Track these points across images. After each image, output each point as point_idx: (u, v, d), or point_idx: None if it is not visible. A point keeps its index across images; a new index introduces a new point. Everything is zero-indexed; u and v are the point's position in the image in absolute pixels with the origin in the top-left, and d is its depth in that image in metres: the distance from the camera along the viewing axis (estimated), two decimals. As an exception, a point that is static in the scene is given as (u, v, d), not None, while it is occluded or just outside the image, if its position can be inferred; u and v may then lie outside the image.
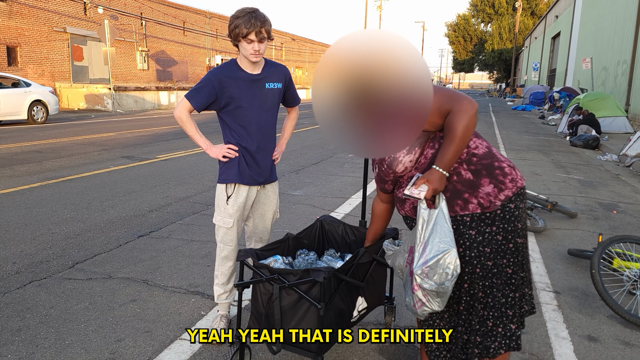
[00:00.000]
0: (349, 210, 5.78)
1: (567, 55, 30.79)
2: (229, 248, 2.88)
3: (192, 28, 33.95)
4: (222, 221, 2.84)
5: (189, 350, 2.75)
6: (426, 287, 1.91)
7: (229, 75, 2.70)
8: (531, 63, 47.42)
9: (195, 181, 7.34)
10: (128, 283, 3.65)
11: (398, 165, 2.07)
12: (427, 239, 1.94)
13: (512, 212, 2.02)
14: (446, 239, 1.91)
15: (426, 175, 1.97)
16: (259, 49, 2.62)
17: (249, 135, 2.77)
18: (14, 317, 3.11)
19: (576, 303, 3.47)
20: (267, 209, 3.00)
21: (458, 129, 1.93)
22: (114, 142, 11.51)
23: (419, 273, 1.91)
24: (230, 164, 2.80)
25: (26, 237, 4.66)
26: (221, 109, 2.76)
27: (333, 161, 9.47)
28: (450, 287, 1.90)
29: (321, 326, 2.19)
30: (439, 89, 1.99)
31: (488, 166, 2.04)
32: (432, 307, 1.96)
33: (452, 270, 1.89)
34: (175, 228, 5.01)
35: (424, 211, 1.97)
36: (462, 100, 1.95)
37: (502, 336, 2.09)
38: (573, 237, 4.98)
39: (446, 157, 1.96)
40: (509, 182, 2.03)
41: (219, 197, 2.85)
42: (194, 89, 2.72)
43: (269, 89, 2.80)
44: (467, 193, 2.01)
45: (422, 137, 2.05)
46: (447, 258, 1.89)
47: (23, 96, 15.19)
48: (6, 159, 8.87)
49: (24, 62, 22.51)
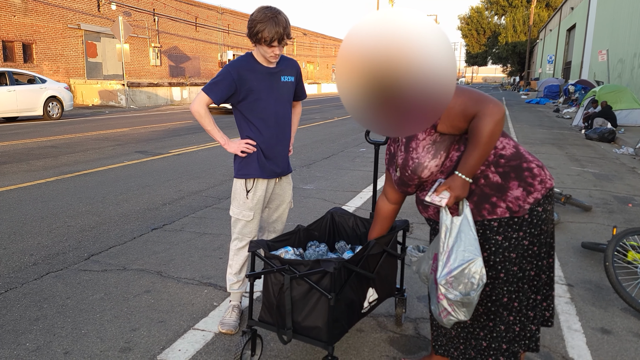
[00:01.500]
0: (360, 204, 5.79)
1: (582, 47, 30.37)
2: (247, 239, 2.91)
3: (204, 24, 34.07)
4: (242, 214, 2.86)
5: (202, 339, 2.79)
6: (451, 298, 1.85)
7: (247, 67, 2.72)
8: (546, 56, 46.85)
9: (207, 175, 7.40)
10: (142, 274, 3.70)
11: (423, 170, 1.99)
12: (451, 248, 1.87)
13: (540, 215, 1.96)
14: (471, 248, 1.84)
15: (448, 182, 1.91)
16: (279, 53, 2.66)
17: (267, 127, 2.80)
18: (31, 307, 3.18)
19: (589, 296, 3.45)
20: (283, 200, 3.03)
21: (483, 134, 1.85)
22: (128, 138, 11.62)
23: (443, 283, 1.85)
24: (249, 158, 2.81)
25: (43, 229, 4.74)
26: (240, 102, 2.77)
27: (344, 155, 9.48)
28: (476, 297, 1.84)
29: (332, 316, 2.21)
30: (464, 90, 1.91)
31: (517, 168, 1.96)
32: (458, 317, 1.90)
33: (477, 280, 1.83)
34: (188, 221, 5.06)
35: (447, 218, 1.90)
36: (488, 103, 1.86)
37: (522, 337, 2.08)
38: (587, 230, 4.94)
39: (469, 163, 1.88)
40: (538, 184, 1.96)
41: (238, 191, 2.87)
42: (212, 82, 2.72)
43: (285, 82, 2.82)
44: (495, 197, 1.94)
45: (447, 140, 1.97)
46: (473, 267, 1.82)
47: (39, 92, 15.39)
48: (23, 154, 9.01)
49: (40, 59, 22.78)
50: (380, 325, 2.98)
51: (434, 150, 1.96)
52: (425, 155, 1.96)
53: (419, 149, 1.97)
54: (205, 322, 3.00)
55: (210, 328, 2.92)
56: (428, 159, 1.97)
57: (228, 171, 7.70)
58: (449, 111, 1.88)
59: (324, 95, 38.08)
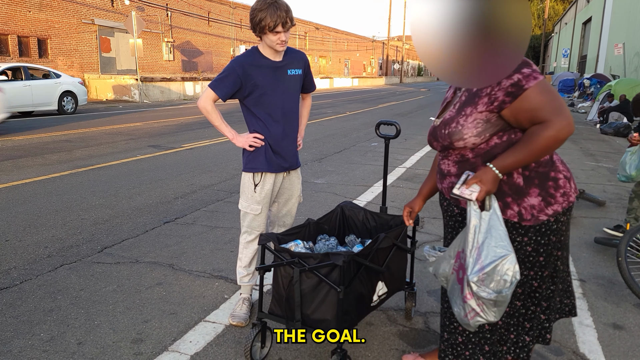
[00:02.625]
0: (371, 198, 5.78)
1: (598, 41, 29.94)
2: (256, 233, 2.92)
3: (216, 18, 34.13)
4: (250, 208, 2.87)
5: (212, 331, 2.82)
6: (484, 296, 1.75)
7: (252, 62, 2.70)
8: (561, 49, 46.27)
9: (219, 169, 7.44)
10: (154, 267, 3.74)
11: (459, 140, 1.89)
12: (481, 243, 1.79)
13: (550, 226, 1.89)
14: (502, 243, 1.77)
15: (479, 175, 1.82)
16: (286, 39, 2.63)
17: (274, 122, 2.79)
18: (46, 298, 3.23)
19: (602, 291, 3.43)
20: (292, 194, 3.03)
21: (539, 144, 1.74)
22: (141, 132, 11.71)
23: (475, 280, 1.76)
24: (256, 152, 2.82)
25: (57, 222, 4.81)
26: (245, 97, 2.76)
27: (356, 150, 9.46)
28: (509, 295, 1.75)
29: (341, 309, 2.22)
30: (551, 92, 1.77)
31: (543, 175, 1.88)
32: (487, 318, 1.80)
33: (510, 277, 1.74)
34: (199, 215, 5.10)
35: (476, 213, 1.81)
36: (563, 120, 1.73)
37: (513, 343, 2.03)
38: (600, 225, 4.89)
39: (508, 162, 1.79)
40: (560, 196, 1.88)
41: (246, 185, 2.88)
42: (217, 78, 2.73)
43: (291, 76, 2.81)
44: (511, 198, 1.88)
45: (499, 126, 1.86)
46: (506, 264, 1.74)
47: (53, 87, 15.55)
48: (38, 148, 9.12)
49: (54, 54, 23.01)
50: (390, 319, 2.99)
51: (481, 129, 1.86)
52: (471, 128, 1.87)
53: (470, 118, 1.87)
54: (216, 314, 3.03)
55: (221, 320, 2.95)
56: (471, 133, 1.87)
57: (240, 165, 7.73)
58: (523, 101, 1.77)
59: (336, 90, 38.03)
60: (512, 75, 1.77)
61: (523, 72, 1.76)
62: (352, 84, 48.58)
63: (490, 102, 1.82)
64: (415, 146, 10.03)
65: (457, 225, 2.11)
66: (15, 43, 21.16)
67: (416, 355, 2.53)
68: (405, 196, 5.95)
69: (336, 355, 2.24)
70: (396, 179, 6.98)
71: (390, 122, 3.20)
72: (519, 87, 1.76)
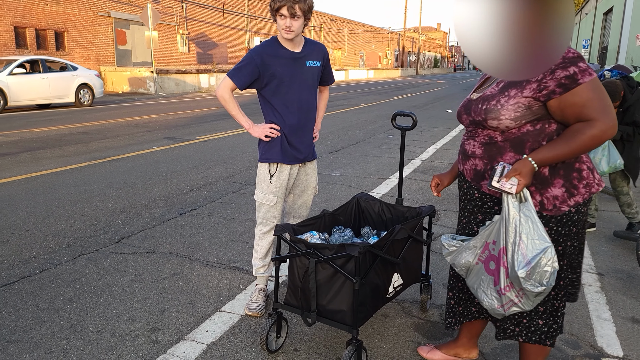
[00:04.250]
0: (386, 191, 5.77)
1: (619, 31, 29.36)
2: (271, 224, 2.93)
3: (231, 10, 34.15)
4: (265, 199, 2.88)
5: (228, 321, 2.84)
6: (531, 289, 1.78)
7: (271, 53, 2.70)
8: (581, 40, 45.49)
9: (234, 161, 7.46)
10: (171, 258, 3.78)
11: (494, 120, 1.87)
12: (524, 237, 1.79)
13: (571, 216, 1.89)
14: (542, 235, 1.78)
15: (519, 168, 1.81)
16: (291, 25, 2.59)
17: (290, 113, 2.79)
18: (65, 287, 3.28)
19: (620, 285, 3.38)
20: (307, 185, 3.03)
21: (581, 140, 1.74)
22: (157, 124, 11.79)
23: (524, 276, 1.77)
24: (272, 143, 2.82)
25: (75, 213, 4.87)
26: (263, 87, 2.76)
27: (371, 142, 9.43)
28: (551, 285, 1.78)
29: (356, 300, 2.22)
30: (601, 91, 1.75)
31: (568, 166, 1.87)
32: (524, 307, 1.85)
33: (550, 267, 1.77)
34: (215, 206, 5.13)
35: (514, 206, 1.81)
36: (609, 120, 1.73)
37: (525, 327, 2.05)
38: (619, 218, 4.82)
39: (547, 155, 1.79)
40: (583, 187, 1.88)
41: (262, 175, 2.88)
42: (236, 67, 2.73)
43: (309, 67, 2.80)
44: (535, 187, 1.87)
45: (538, 115, 1.84)
46: (547, 255, 1.76)
47: (70, 80, 15.72)
48: (56, 140, 9.24)
49: (71, 47, 23.23)
50: (406, 311, 2.98)
51: (520, 113, 1.84)
52: (510, 110, 1.84)
53: (512, 100, 1.84)
54: (232, 304, 3.05)
55: (237, 310, 2.97)
56: (509, 115, 1.84)
57: (255, 157, 7.76)
58: (574, 95, 1.75)
59: (352, 82, 37.88)
60: (568, 67, 1.75)
61: (580, 66, 1.75)
62: (367, 76, 48.34)
63: (538, 90, 1.80)
64: (431, 138, 9.96)
65: (477, 210, 2.09)
66: (33, 36, 21.41)
67: (431, 347, 2.52)
68: (421, 189, 5.92)
69: (351, 346, 2.24)
70: (412, 171, 6.95)
71: (406, 114, 3.18)
72: (574, 80, 1.74)
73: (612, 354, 2.57)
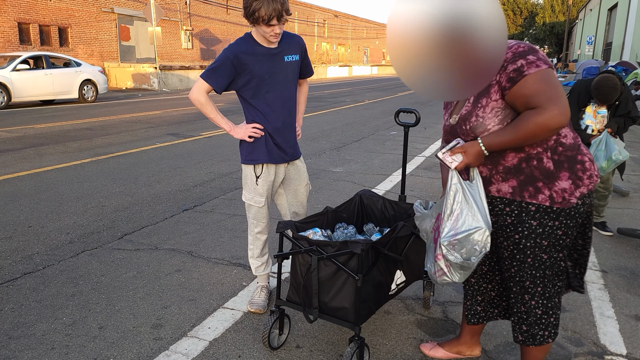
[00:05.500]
0: (389, 187, 5.75)
1: (624, 27, 29.18)
2: (262, 224, 2.89)
3: (235, 6, 34.09)
4: (254, 200, 2.82)
5: (231, 318, 2.84)
6: (451, 259, 1.87)
7: (246, 51, 2.58)
8: (585, 37, 45.26)
9: (237, 158, 7.46)
10: (173, 254, 3.78)
11: (484, 132, 1.88)
12: (460, 211, 1.85)
13: (578, 208, 1.90)
14: (479, 216, 1.84)
15: (466, 147, 1.87)
16: (280, 31, 2.51)
17: (273, 112, 2.69)
18: (68, 283, 3.29)
19: (624, 282, 3.36)
20: (299, 183, 2.94)
21: (527, 128, 1.75)
22: (160, 120, 11.80)
23: (445, 244, 1.86)
24: (256, 143, 2.73)
25: (78, 209, 4.88)
26: (241, 88, 2.66)
27: (374, 138, 9.41)
28: (475, 263, 1.86)
29: (359, 297, 2.21)
30: (550, 81, 1.75)
31: (571, 159, 1.88)
32: (452, 279, 1.93)
33: (480, 247, 1.84)
34: (218, 203, 5.13)
35: (457, 180, 1.87)
36: (557, 108, 1.71)
37: (553, 325, 2.05)
38: (624, 215, 4.80)
39: (496, 140, 1.82)
40: (587, 178, 1.89)
41: (248, 177, 2.81)
42: (210, 68, 2.60)
43: (288, 62, 2.68)
44: (542, 182, 1.88)
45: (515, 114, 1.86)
46: (477, 235, 1.83)
47: (74, 76, 15.75)
48: (59, 136, 9.26)
49: (75, 43, 23.26)
50: (408, 308, 2.98)
51: (502, 116, 1.85)
52: (492, 117, 1.86)
53: (487, 109, 1.86)
54: (235, 301, 3.05)
55: (239, 307, 2.97)
56: (494, 122, 1.86)
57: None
58: (521, 87, 1.76)
59: (355, 78, 37.80)
60: (516, 61, 1.78)
61: (528, 59, 1.77)
62: (371, 72, 48.24)
63: (500, 89, 1.83)
64: (434, 135, 9.94)
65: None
66: (36, 32, 21.45)
67: (434, 344, 2.52)
68: (425, 185, 5.90)
69: (354, 343, 2.24)
70: (415, 167, 6.93)
71: (410, 110, 3.16)
72: (520, 73, 1.77)
73: (616, 351, 2.56)
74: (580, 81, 4.30)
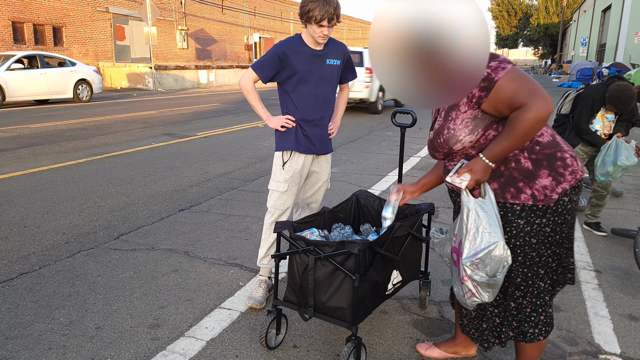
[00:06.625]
0: (385, 187, 5.77)
1: (618, 29, 29.36)
2: (279, 212, 2.98)
3: (230, 6, 34.04)
4: (277, 185, 2.96)
5: (228, 318, 2.85)
6: (477, 279, 1.87)
7: (293, 49, 2.82)
8: (579, 38, 45.51)
9: (233, 158, 7.46)
10: (170, 254, 3.78)
11: (456, 143, 1.96)
12: (475, 230, 1.87)
13: (565, 205, 1.94)
14: (495, 230, 1.86)
15: (470, 164, 1.91)
16: (328, 33, 2.73)
17: (306, 107, 2.90)
18: (64, 283, 3.28)
19: (618, 282, 3.40)
20: (319, 177, 3.11)
21: (521, 127, 1.80)
22: (155, 120, 11.77)
23: (468, 265, 1.87)
24: (287, 132, 2.94)
25: (74, 209, 4.87)
26: (283, 81, 2.90)
27: (370, 139, 9.43)
28: (501, 279, 1.87)
29: (356, 297, 2.23)
30: (521, 76, 1.83)
31: (550, 156, 1.92)
32: (482, 299, 1.93)
33: (502, 261, 1.85)
34: (214, 203, 5.13)
35: (469, 200, 1.90)
36: (539, 99, 1.78)
37: (544, 323, 2.08)
38: (617, 216, 4.84)
39: (496, 150, 1.86)
40: (569, 174, 1.92)
41: (276, 163, 2.99)
42: (259, 60, 2.87)
43: (329, 65, 2.91)
44: (522, 182, 1.92)
45: (488, 119, 1.92)
46: (496, 251, 1.84)
47: (69, 75, 15.68)
48: (54, 136, 9.23)
49: (69, 42, 23.15)
50: (404, 308, 2.99)
51: (472, 126, 1.92)
52: (462, 128, 1.93)
53: (457, 121, 1.94)
54: (231, 301, 3.06)
55: (236, 307, 2.98)
56: (464, 133, 1.93)
57: (254, 154, 7.76)
58: (497, 92, 1.83)
59: (350, 79, 37.77)
60: None
61: (491, 66, 1.84)
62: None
63: (469, 101, 1.90)
64: (429, 135, 9.96)
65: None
66: (30, 31, 21.33)
67: (430, 344, 2.54)
68: (420, 185, 5.92)
69: (351, 342, 2.25)
70: (411, 168, 6.95)
71: (406, 111, 3.18)
72: (490, 80, 1.83)
73: (610, 350, 2.58)
74: (591, 87, 4.29)
